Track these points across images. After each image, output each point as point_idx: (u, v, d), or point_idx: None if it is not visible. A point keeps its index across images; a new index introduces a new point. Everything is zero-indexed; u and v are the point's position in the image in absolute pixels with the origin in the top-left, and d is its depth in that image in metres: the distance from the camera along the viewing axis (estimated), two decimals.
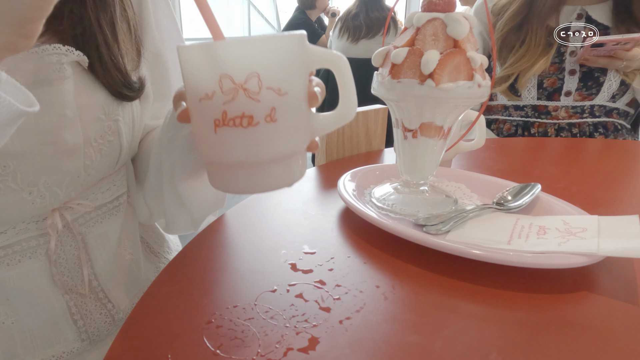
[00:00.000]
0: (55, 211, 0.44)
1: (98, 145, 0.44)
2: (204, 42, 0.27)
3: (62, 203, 0.44)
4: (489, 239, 0.41)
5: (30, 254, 0.44)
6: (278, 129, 0.29)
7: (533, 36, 1.04)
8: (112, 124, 0.45)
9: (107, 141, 0.45)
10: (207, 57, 0.27)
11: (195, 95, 0.28)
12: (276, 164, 0.31)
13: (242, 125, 0.28)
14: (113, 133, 0.46)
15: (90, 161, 0.44)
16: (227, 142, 0.29)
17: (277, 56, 0.28)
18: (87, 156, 0.44)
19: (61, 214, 0.45)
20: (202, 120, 0.29)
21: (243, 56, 0.27)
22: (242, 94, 0.27)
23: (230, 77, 0.27)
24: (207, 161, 0.32)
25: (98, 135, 0.44)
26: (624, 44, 0.93)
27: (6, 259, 0.42)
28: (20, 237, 0.43)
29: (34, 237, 0.44)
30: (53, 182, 0.41)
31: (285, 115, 0.29)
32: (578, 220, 0.43)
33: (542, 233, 0.41)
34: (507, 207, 0.48)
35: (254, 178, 0.31)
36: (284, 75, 0.29)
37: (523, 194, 0.50)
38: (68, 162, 0.42)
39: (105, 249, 0.50)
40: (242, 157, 0.29)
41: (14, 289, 0.43)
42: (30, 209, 0.41)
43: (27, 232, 0.43)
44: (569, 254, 0.37)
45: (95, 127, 0.44)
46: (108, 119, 0.45)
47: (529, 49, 1.04)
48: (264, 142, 0.29)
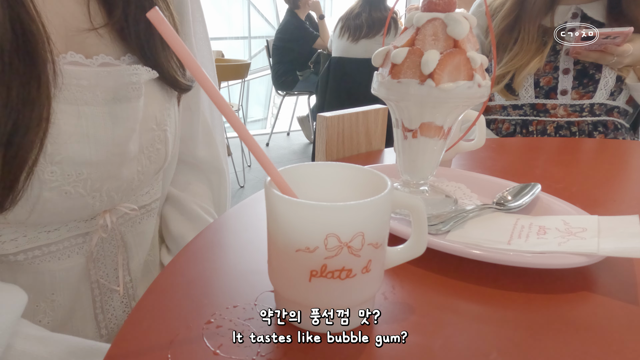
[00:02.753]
0: (106, 212, 0.47)
1: (149, 152, 0.48)
2: (315, 202, 0.27)
3: (114, 206, 0.47)
4: (489, 239, 0.41)
5: (77, 250, 0.47)
6: (371, 277, 0.30)
7: (525, 35, 1.04)
8: (161, 134, 0.48)
9: (156, 149, 0.48)
10: (316, 216, 0.27)
11: (292, 246, 0.29)
12: (361, 306, 0.32)
13: (340, 277, 0.29)
14: (161, 142, 0.49)
15: (141, 167, 0.47)
16: (321, 291, 0.29)
17: (378, 216, 0.29)
18: (139, 163, 0.47)
19: (110, 215, 0.48)
20: (295, 268, 0.29)
21: (353, 219, 0.28)
22: (346, 251, 0.28)
23: (337, 237, 0.27)
24: (289, 300, 0.32)
25: (149, 144, 0.47)
26: (614, 37, 0.94)
27: (57, 253, 0.45)
28: (71, 234, 0.46)
29: (82, 235, 0.47)
30: (113, 188, 0.44)
31: (377, 264, 0.30)
32: (578, 220, 0.43)
33: (542, 233, 0.41)
34: (507, 207, 0.48)
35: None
36: (381, 231, 0.30)
37: (523, 194, 0.50)
38: (127, 170, 0.45)
39: (141, 248, 0.53)
40: (332, 304, 0.30)
41: (61, 283, 0.46)
42: (88, 211, 0.44)
43: (77, 229, 0.46)
44: (569, 254, 0.37)
45: (148, 136, 0.47)
46: (158, 128, 0.48)
47: (522, 47, 1.04)
48: (357, 291, 0.30)
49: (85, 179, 0.41)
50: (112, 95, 0.41)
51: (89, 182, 0.42)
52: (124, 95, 0.42)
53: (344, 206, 0.27)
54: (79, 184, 0.41)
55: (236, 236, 0.47)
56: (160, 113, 0.48)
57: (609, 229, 0.40)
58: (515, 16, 1.06)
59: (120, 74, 0.41)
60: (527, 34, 1.04)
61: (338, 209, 0.27)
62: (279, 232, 0.29)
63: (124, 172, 0.45)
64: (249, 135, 0.30)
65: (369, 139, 0.77)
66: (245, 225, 0.49)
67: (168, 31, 0.28)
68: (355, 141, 0.75)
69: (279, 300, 0.33)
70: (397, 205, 0.31)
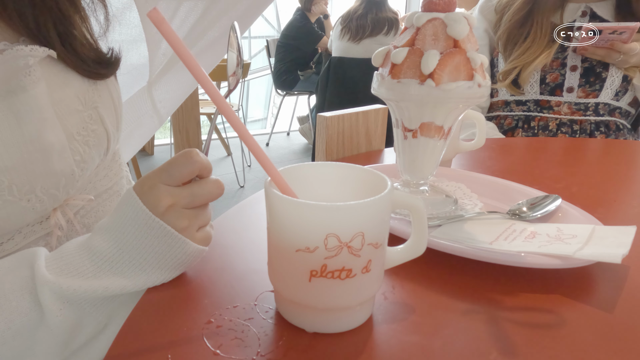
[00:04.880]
0: (55, 210, 0.44)
1: (83, 138, 0.44)
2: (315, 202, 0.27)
3: (62, 202, 0.44)
4: (473, 239, 0.41)
5: None
6: (370, 277, 0.30)
7: (537, 30, 1.04)
8: (92, 113, 0.44)
9: (91, 131, 0.44)
10: (316, 216, 0.27)
11: (292, 246, 0.29)
12: (361, 306, 0.32)
13: (340, 277, 0.29)
14: (95, 121, 0.45)
15: (79, 156, 0.43)
16: (321, 291, 0.29)
17: (378, 216, 0.29)
18: (75, 152, 0.43)
19: (62, 211, 0.45)
20: (295, 268, 0.29)
21: (353, 219, 0.28)
22: (346, 251, 0.28)
23: (337, 237, 0.27)
24: (289, 300, 0.32)
25: (80, 128, 0.43)
26: (620, 33, 0.93)
27: None
28: (28, 240, 0.43)
29: (42, 237, 0.44)
30: (49, 186, 0.41)
31: (377, 264, 0.30)
32: (572, 228, 0.43)
33: (531, 237, 0.41)
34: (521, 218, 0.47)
35: (338, 320, 0.31)
36: (381, 231, 0.30)
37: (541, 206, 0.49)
38: (58, 163, 0.41)
39: None
40: (332, 304, 0.30)
41: None
42: (31, 214, 0.41)
43: (34, 234, 0.43)
44: (543, 255, 0.37)
45: (75, 119, 0.43)
46: (86, 108, 0.44)
47: (533, 42, 1.04)
48: (357, 291, 0.30)
49: (8, 185, 0.38)
50: (6, 89, 0.37)
51: (15, 187, 0.38)
52: (17, 85, 0.38)
53: (344, 206, 0.27)
54: (4, 192, 0.38)
55: (236, 236, 0.47)
56: (82, 89, 0.43)
57: (600, 237, 0.40)
58: (528, 11, 1.06)
59: (11, 59, 0.36)
60: (539, 29, 1.04)
61: (338, 209, 0.27)
62: (279, 232, 0.29)
63: (56, 167, 0.41)
64: (249, 135, 0.30)
65: (369, 139, 0.77)
66: (245, 225, 0.49)
67: (168, 31, 0.28)
68: (355, 141, 0.75)
69: (279, 300, 0.33)
70: (397, 205, 0.31)
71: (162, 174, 0.35)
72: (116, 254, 0.35)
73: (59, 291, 0.33)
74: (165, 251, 0.35)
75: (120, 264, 0.35)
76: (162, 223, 0.34)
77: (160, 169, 0.35)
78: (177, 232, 0.35)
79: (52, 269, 0.34)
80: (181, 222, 0.35)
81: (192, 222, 0.36)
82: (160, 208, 0.34)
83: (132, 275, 0.35)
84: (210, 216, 0.39)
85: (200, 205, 0.37)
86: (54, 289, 0.33)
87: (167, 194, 0.35)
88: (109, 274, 0.35)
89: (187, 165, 0.35)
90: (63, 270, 0.34)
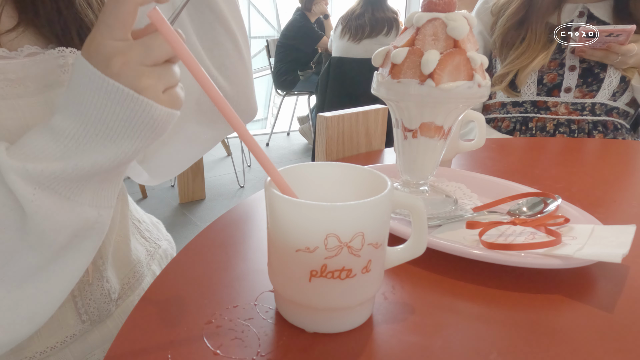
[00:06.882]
0: None
1: None
2: (315, 202, 0.27)
3: None
4: (472, 239, 0.41)
5: None
6: (370, 277, 0.30)
7: (533, 33, 1.04)
8: None
9: None
10: (316, 216, 0.27)
11: (292, 246, 0.29)
12: (361, 306, 0.32)
13: (340, 277, 0.29)
14: None
15: None
16: (321, 291, 0.30)
17: (378, 216, 0.29)
18: None
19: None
20: (295, 268, 0.29)
21: (353, 219, 0.28)
22: (346, 251, 0.28)
23: (337, 237, 0.27)
24: (289, 300, 0.32)
25: None
26: (617, 35, 0.94)
27: None
28: None
29: None
30: None
31: (377, 264, 0.30)
32: (572, 228, 0.43)
33: (531, 238, 0.41)
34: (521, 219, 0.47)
35: (338, 320, 0.32)
36: (381, 231, 0.30)
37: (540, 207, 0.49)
38: None
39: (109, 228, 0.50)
40: (332, 304, 0.30)
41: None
42: None
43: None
44: (544, 255, 0.37)
45: None
46: None
47: (529, 45, 1.04)
48: (357, 291, 0.30)
49: None
50: (44, 83, 0.40)
51: None
52: (54, 80, 0.41)
53: (344, 206, 0.27)
54: None
55: (236, 236, 0.47)
56: None
57: (600, 237, 0.40)
58: (524, 14, 1.06)
59: (47, 60, 0.40)
60: (534, 32, 1.04)
61: (338, 209, 0.27)
62: (279, 232, 0.29)
63: None
64: (249, 135, 0.30)
65: (369, 139, 0.77)
66: (245, 225, 0.49)
67: (168, 31, 0.28)
68: (355, 141, 0.75)
69: (279, 300, 0.33)
70: (397, 205, 0.31)
71: (100, 27, 0.31)
72: (80, 129, 0.32)
73: (27, 175, 0.31)
74: (130, 117, 0.32)
75: (87, 138, 0.32)
76: (116, 84, 0.31)
77: (98, 22, 0.32)
78: (137, 93, 0.31)
79: (16, 156, 0.32)
80: (140, 81, 0.31)
81: (155, 81, 0.32)
82: (112, 68, 0.31)
83: (101, 148, 0.33)
84: (178, 76, 0.35)
85: (157, 59, 0.33)
86: (21, 173, 0.31)
87: (114, 50, 0.31)
88: (76, 151, 0.32)
89: (120, 5, 0.31)
90: (29, 155, 0.32)
